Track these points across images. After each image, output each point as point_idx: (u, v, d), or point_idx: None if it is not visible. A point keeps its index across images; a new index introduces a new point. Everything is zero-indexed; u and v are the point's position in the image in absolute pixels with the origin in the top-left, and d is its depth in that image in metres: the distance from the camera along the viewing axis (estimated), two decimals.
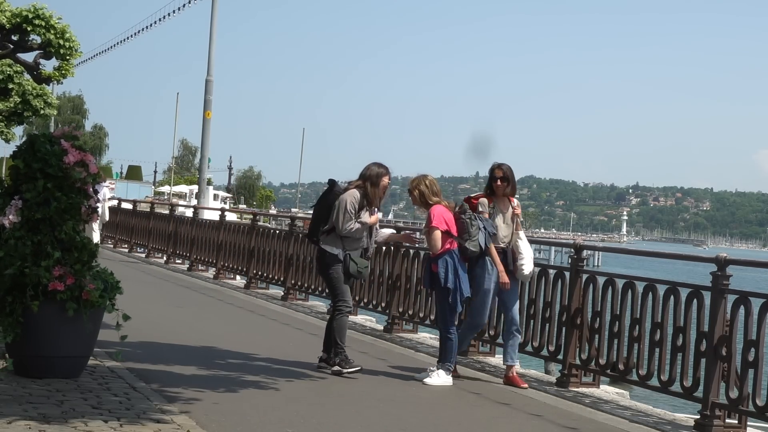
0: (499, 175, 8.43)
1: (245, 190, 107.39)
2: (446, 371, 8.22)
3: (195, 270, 18.71)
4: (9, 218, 6.73)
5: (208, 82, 26.61)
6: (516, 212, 8.47)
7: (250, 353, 8.97)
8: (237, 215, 34.51)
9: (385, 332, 11.39)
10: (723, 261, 7.27)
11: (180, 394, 6.73)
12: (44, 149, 6.80)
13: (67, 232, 6.80)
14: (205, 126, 26.79)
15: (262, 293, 15.33)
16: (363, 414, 6.83)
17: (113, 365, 7.34)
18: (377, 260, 12.16)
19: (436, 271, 8.18)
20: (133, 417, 5.73)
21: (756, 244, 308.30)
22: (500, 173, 8.43)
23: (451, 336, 8.28)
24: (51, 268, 6.60)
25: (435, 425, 6.71)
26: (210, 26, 27.00)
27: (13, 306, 6.58)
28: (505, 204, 8.50)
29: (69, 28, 19.82)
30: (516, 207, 8.50)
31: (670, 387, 7.65)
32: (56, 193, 6.78)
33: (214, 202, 59.25)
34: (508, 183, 8.45)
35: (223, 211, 19.15)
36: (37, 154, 6.80)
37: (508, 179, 8.43)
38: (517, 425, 6.89)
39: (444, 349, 8.30)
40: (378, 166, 8.38)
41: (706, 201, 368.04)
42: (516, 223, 8.48)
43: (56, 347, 6.70)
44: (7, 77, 27.98)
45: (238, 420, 6.15)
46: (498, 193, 8.45)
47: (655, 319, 7.77)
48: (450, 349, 8.28)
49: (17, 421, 5.36)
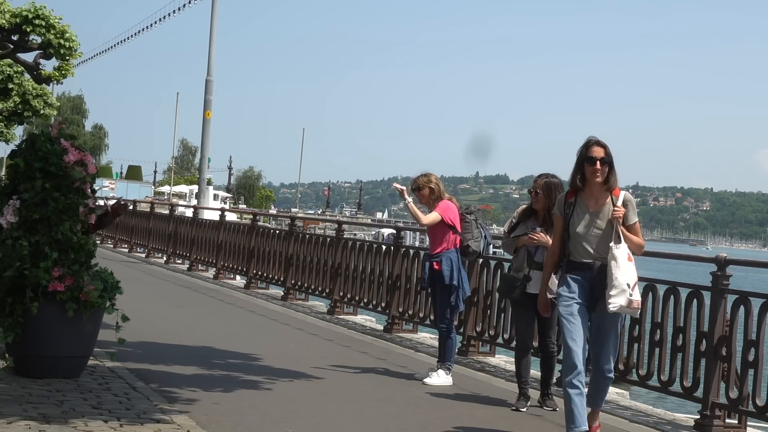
0: (599, 155, 5.86)
1: (245, 190, 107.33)
2: (446, 371, 8.21)
3: (195, 270, 18.70)
4: (6, 218, 6.73)
5: (208, 82, 26.60)
6: (616, 215, 5.86)
7: (250, 353, 8.97)
8: (237, 215, 34.53)
9: (385, 332, 11.39)
10: (723, 261, 7.27)
11: (180, 394, 6.73)
12: (45, 148, 6.79)
13: (64, 232, 6.79)
14: (205, 126, 26.78)
15: (262, 293, 15.33)
16: (363, 414, 6.83)
17: (113, 365, 7.34)
18: (377, 260, 12.18)
19: (439, 269, 8.16)
20: (133, 417, 5.73)
21: (756, 244, 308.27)
22: (600, 153, 5.87)
23: (452, 335, 8.28)
24: (50, 269, 6.60)
25: (435, 425, 6.70)
26: (210, 26, 27.00)
27: (13, 307, 6.58)
28: (599, 200, 5.93)
29: (69, 28, 19.82)
30: (617, 207, 5.88)
31: (670, 387, 7.64)
32: (54, 193, 6.77)
33: (214, 202, 59.23)
34: (610, 168, 5.90)
35: (223, 211, 19.16)
36: (38, 153, 6.79)
37: (608, 162, 5.89)
38: (517, 425, 6.88)
39: (444, 348, 8.30)
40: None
41: (706, 201, 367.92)
42: (616, 230, 5.86)
43: (56, 347, 6.69)
44: (7, 77, 27.98)
45: (238, 420, 6.15)
46: (592, 181, 5.89)
47: (655, 319, 7.77)
48: (450, 348, 8.27)
49: (17, 421, 5.36)
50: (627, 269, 5.78)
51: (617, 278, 5.75)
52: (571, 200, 5.98)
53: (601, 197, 5.94)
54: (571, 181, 6.03)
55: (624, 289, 5.74)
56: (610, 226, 5.89)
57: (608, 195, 5.94)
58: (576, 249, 5.94)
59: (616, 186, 5.94)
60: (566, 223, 5.95)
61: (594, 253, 5.90)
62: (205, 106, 26.63)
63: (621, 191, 5.95)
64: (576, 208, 5.94)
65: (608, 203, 5.93)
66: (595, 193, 5.93)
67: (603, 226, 5.90)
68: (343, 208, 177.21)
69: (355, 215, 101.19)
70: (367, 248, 12.62)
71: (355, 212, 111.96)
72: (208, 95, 26.56)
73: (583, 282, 5.90)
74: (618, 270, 5.76)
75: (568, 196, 6.01)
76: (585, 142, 5.96)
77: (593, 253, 5.89)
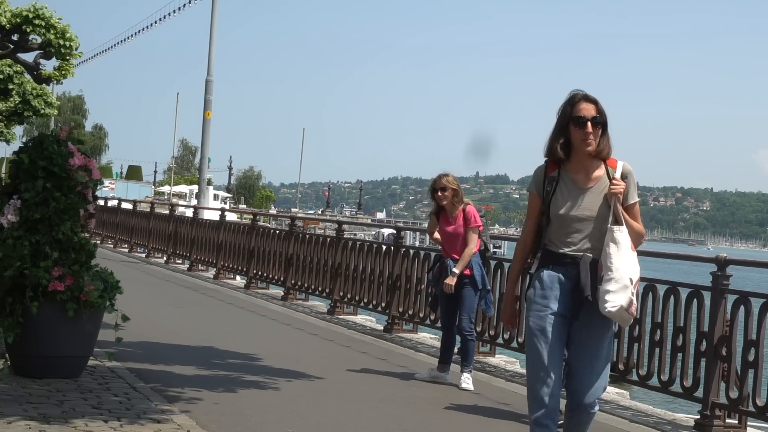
0: (590, 114, 4.45)
1: (245, 190, 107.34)
2: (469, 373, 8.23)
3: (195, 270, 18.70)
4: (7, 218, 6.73)
5: (208, 82, 26.59)
6: (615, 190, 4.48)
7: (250, 353, 8.97)
8: (237, 215, 34.54)
9: (385, 332, 11.39)
10: (723, 261, 7.27)
11: (180, 394, 6.73)
12: (52, 148, 6.80)
13: (64, 232, 6.79)
14: (205, 126, 26.76)
15: (262, 293, 15.33)
16: (363, 414, 6.83)
17: (113, 365, 7.34)
18: (377, 260, 12.18)
19: (471, 274, 8.09)
20: (133, 417, 5.73)
21: (756, 244, 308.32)
22: (591, 110, 4.46)
23: (473, 337, 8.31)
24: (50, 269, 6.60)
25: (435, 425, 6.70)
26: (210, 26, 26.98)
27: (13, 306, 6.58)
28: (590, 172, 4.54)
29: (69, 28, 19.82)
30: (616, 181, 4.50)
31: (670, 387, 7.65)
32: (55, 193, 6.77)
33: (214, 202, 59.23)
34: (602, 129, 4.50)
35: (223, 211, 19.15)
36: (44, 152, 6.80)
37: (602, 123, 4.49)
38: (517, 425, 6.88)
39: (468, 352, 8.21)
40: None
41: (706, 201, 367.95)
42: (614, 209, 4.48)
43: (56, 347, 6.69)
44: (7, 77, 27.97)
45: (238, 420, 6.15)
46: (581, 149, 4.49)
47: (655, 319, 7.77)
48: (472, 350, 8.29)
49: (17, 421, 5.36)
50: (630, 259, 4.40)
51: (618, 269, 4.35)
52: (552, 174, 4.54)
53: (592, 169, 4.52)
54: (550, 149, 4.54)
55: (626, 284, 4.35)
56: (605, 207, 4.47)
57: (601, 166, 4.53)
58: (558, 237, 4.50)
59: (611, 154, 4.54)
60: (546, 203, 4.54)
61: (582, 242, 4.47)
62: (205, 106, 26.61)
63: (618, 161, 4.56)
64: (560, 185, 4.52)
65: (602, 177, 4.52)
66: (585, 164, 4.51)
67: (596, 207, 4.48)
68: (343, 208, 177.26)
69: (355, 215, 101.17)
70: (367, 248, 12.62)
71: (355, 212, 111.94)
72: (208, 95, 26.54)
73: (563, 281, 4.47)
74: (620, 258, 4.37)
75: (549, 169, 4.57)
76: (569, 97, 4.53)
77: (581, 242, 4.47)
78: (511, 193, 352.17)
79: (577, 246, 4.48)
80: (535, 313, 4.50)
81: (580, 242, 4.48)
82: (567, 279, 4.48)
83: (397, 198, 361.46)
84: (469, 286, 8.11)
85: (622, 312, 4.36)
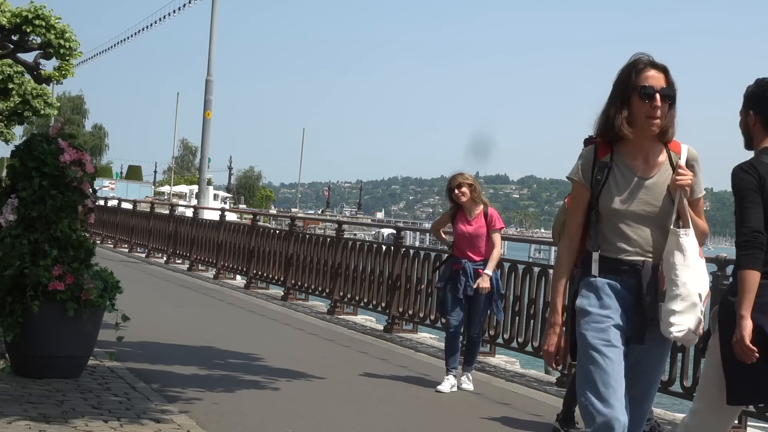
0: (659, 84, 3.62)
1: (245, 190, 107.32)
2: (471, 372, 8.20)
3: (195, 270, 18.70)
4: (5, 217, 6.74)
5: (208, 82, 26.59)
6: (681, 182, 3.64)
7: (250, 353, 8.97)
8: (237, 215, 34.54)
9: (385, 332, 11.39)
10: (723, 261, 7.27)
11: (180, 394, 6.73)
12: (41, 148, 6.80)
13: (62, 230, 6.79)
14: (205, 126, 26.77)
15: (262, 293, 15.33)
16: (363, 414, 6.83)
17: (113, 365, 7.34)
18: (377, 260, 12.18)
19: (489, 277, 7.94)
20: (133, 417, 5.73)
21: None
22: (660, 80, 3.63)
23: (480, 340, 8.28)
24: (50, 268, 6.60)
25: (435, 425, 6.71)
26: (210, 26, 26.99)
27: (13, 306, 6.58)
28: (651, 158, 3.69)
29: (69, 28, 19.83)
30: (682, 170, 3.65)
31: (670, 387, 7.64)
32: (52, 191, 6.77)
33: (214, 202, 59.22)
34: (671, 103, 3.64)
35: (223, 211, 19.16)
36: (33, 152, 6.80)
37: (671, 96, 3.64)
38: (517, 425, 6.88)
39: (474, 354, 8.17)
40: None
41: (706, 201, 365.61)
42: (679, 206, 3.66)
43: (56, 347, 6.69)
44: (7, 77, 27.97)
45: (238, 420, 6.15)
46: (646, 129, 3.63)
47: None
48: (477, 351, 8.27)
49: (17, 421, 5.36)
50: (698, 270, 3.62)
51: (685, 284, 3.56)
52: (604, 159, 3.68)
53: (653, 154, 3.68)
54: (609, 126, 3.65)
55: (695, 302, 3.60)
56: (668, 202, 3.65)
57: (663, 151, 3.69)
58: (612, 238, 3.66)
59: (674, 136, 3.70)
60: (594, 195, 3.70)
61: (640, 245, 3.64)
62: (205, 106, 26.61)
63: (681, 144, 3.73)
64: (613, 172, 3.66)
65: (664, 164, 3.68)
66: (645, 147, 3.67)
67: (658, 202, 3.65)
68: (343, 208, 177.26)
69: (355, 215, 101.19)
70: (367, 248, 12.62)
71: (355, 212, 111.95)
72: (208, 95, 26.55)
73: (623, 293, 3.63)
74: (686, 270, 3.57)
75: (600, 152, 3.69)
76: (631, 61, 3.68)
77: (639, 245, 3.64)
78: (511, 193, 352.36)
79: (633, 249, 3.65)
80: (594, 325, 3.57)
81: (637, 245, 3.65)
82: (626, 289, 3.63)
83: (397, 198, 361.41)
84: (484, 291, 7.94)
85: (689, 335, 3.64)
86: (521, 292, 9.42)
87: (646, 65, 3.65)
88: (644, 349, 3.68)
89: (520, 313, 9.39)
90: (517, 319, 9.42)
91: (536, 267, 9.28)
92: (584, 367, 3.55)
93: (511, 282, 9.51)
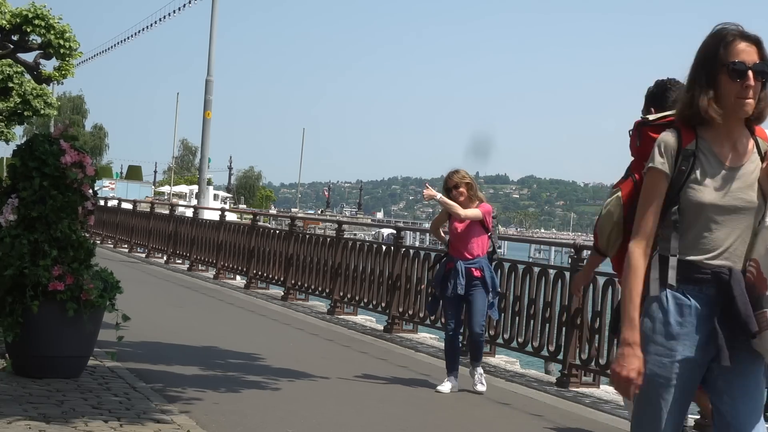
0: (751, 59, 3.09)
1: (245, 190, 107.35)
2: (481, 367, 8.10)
3: (195, 270, 18.70)
4: (5, 217, 6.74)
5: (208, 82, 26.60)
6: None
7: (250, 353, 8.97)
8: (237, 215, 34.54)
9: (385, 332, 11.39)
10: None
11: (180, 394, 6.73)
12: (42, 148, 6.80)
13: (62, 230, 6.79)
14: (205, 126, 26.77)
15: (262, 293, 15.33)
16: (363, 414, 6.83)
17: (113, 365, 7.34)
18: (377, 260, 12.18)
19: (482, 276, 7.79)
20: (133, 417, 5.73)
21: None
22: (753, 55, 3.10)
23: (483, 339, 8.16)
24: (50, 268, 6.60)
25: (435, 425, 6.71)
26: (210, 26, 26.99)
27: (13, 306, 6.58)
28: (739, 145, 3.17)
29: (69, 28, 19.83)
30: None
31: None
32: (52, 191, 6.78)
33: (214, 202, 59.22)
34: (765, 81, 3.11)
35: (223, 211, 19.16)
36: (34, 153, 6.80)
37: (766, 72, 3.10)
38: (517, 425, 6.89)
39: (479, 350, 8.04)
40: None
41: None
42: None
43: (56, 347, 6.69)
44: (7, 77, 27.98)
45: (238, 420, 6.15)
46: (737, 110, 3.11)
47: None
48: (482, 348, 8.14)
49: (17, 421, 5.36)
50: None
51: None
52: (689, 146, 3.12)
53: (741, 140, 3.16)
54: (695, 107, 3.12)
55: None
56: (759, 197, 3.13)
57: (749, 137, 3.18)
58: (695, 239, 3.10)
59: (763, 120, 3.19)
60: (675, 188, 3.12)
61: (731, 247, 3.09)
62: (205, 106, 26.62)
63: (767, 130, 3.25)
64: (699, 160, 3.12)
65: (753, 152, 3.16)
66: (734, 132, 3.15)
67: (749, 196, 3.11)
68: (343, 208, 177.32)
69: (355, 215, 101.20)
70: (367, 248, 12.62)
71: (355, 212, 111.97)
72: (208, 95, 26.55)
73: (699, 309, 3.07)
74: None
75: (685, 138, 3.14)
76: (717, 32, 3.14)
77: (730, 247, 3.09)
78: (511, 193, 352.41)
79: (719, 252, 3.08)
80: (655, 357, 3.07)
81: (724, 247, 3.09)
82: (704, 305, 3.06)
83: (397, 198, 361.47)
84: (480, 288, 7.81)
85: None
86: (521, 292, 9.42)
87: (736, 37, 3.10)
88: (736, 366, 3.07)
89: (520, 313, 9.40)
90: (517, 319, 9.42)
91: (536, 267, 9.27)
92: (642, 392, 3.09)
93: (511, 282, 9.52)
